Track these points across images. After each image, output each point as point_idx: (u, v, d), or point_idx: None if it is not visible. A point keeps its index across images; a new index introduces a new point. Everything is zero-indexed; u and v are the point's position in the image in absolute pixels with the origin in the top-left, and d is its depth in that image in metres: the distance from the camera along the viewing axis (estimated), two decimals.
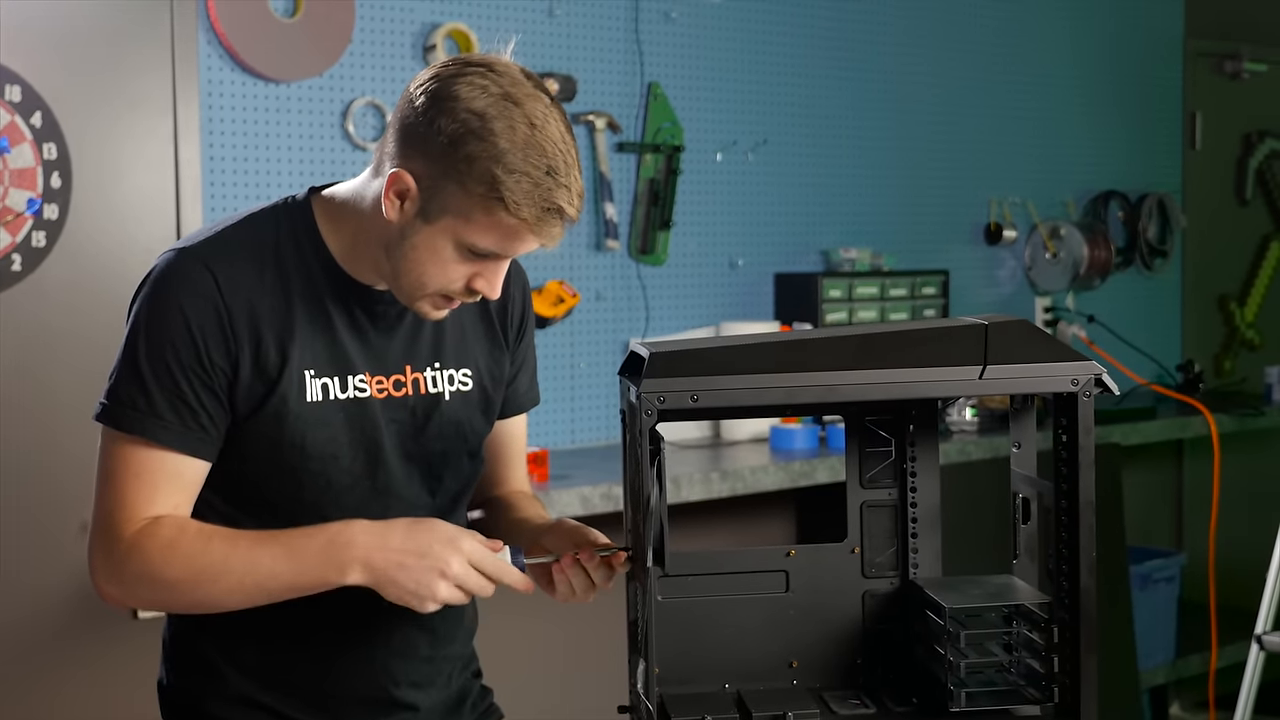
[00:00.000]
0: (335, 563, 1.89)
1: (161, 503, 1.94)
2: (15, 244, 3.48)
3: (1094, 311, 5.75)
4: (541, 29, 4.47)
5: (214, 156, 3.85)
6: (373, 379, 2.03)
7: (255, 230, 2.01)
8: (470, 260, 1.92)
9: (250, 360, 1.95)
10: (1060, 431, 1.78)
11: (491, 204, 1.86)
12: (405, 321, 2.06)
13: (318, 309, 1.99)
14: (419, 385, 2.07)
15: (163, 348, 1.92)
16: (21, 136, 3.49)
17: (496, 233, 1.89)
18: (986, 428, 4.73)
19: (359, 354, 2.02)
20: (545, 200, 1.87)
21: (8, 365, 3.47)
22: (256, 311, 1.95)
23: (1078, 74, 5.89)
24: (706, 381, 1.73)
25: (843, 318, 4.88)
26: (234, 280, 1.95)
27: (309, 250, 2.00)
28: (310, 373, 1.98)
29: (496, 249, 1.91)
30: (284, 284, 1.98)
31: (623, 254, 4.66)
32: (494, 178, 1.85)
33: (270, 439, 1.97)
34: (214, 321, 1.93)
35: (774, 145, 5.00)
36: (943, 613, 1.83)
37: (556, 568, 1.97)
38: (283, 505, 2.00)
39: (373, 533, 1.90)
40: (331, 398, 2.00)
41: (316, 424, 1.98)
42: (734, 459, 4.27)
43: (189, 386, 1.93)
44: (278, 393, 1.96)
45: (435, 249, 1.91)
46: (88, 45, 3.59)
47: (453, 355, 2.11)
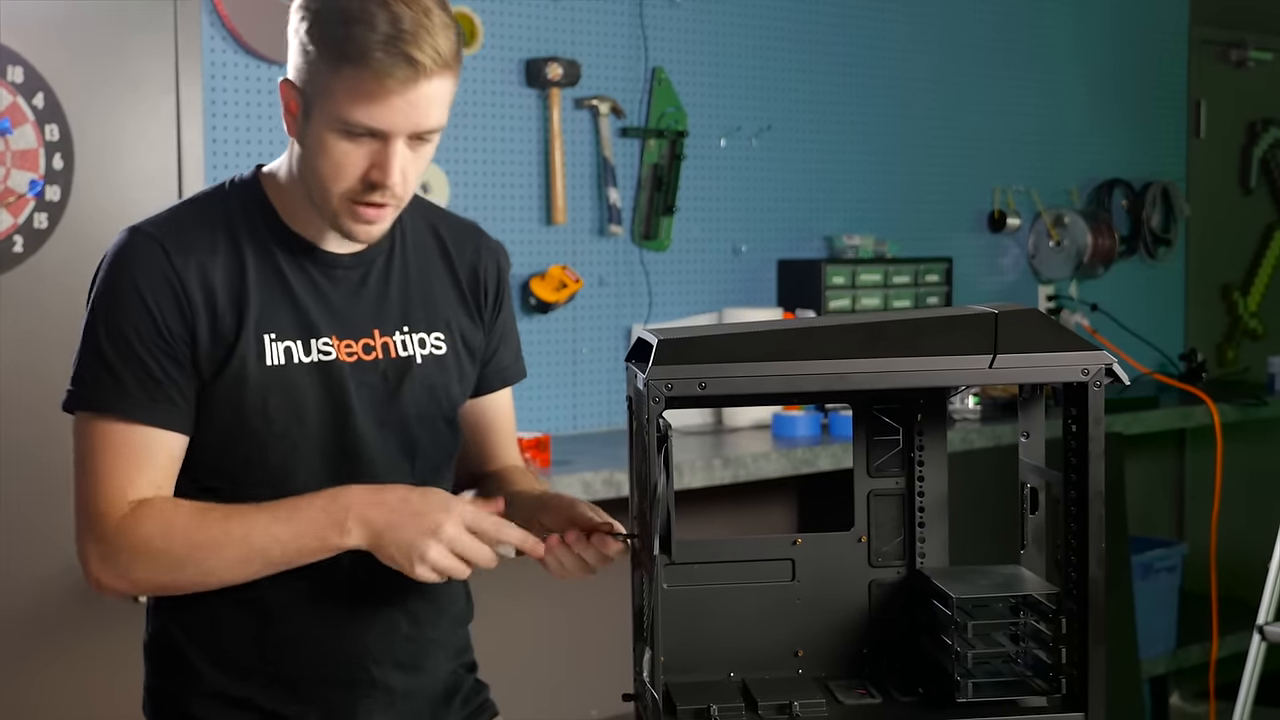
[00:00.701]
0: (334, 521, 1.89)
1: (142, 482, 1.93)
2: (17, 225, 3.47)
3: (1097, 300, 5.74)
4: (546, 13, 4.45)
5: (216, 139, 3.84)
6: (340, 342, 2.02)
7: (205, 205, 2.03)
8: (355, 145, 1.91)
9: (207, 326, 1.95)
10: (1070, 421, 1.77)
11: (341, 64, 1.87)
12: (369, 285, 2.06)
13: (273, 274, 2.00)
14: (389, 349, 2.06)
15: (122, 325, 1.93)
16: (24, 118, 3.47)
17: (358, 96, 1.87)
18: (989, 416, 4.72)
19: (322, 317, 2.02)
20: (392, 45, 1.85)
21: (9, 346, 3.46)
22: (209, 279, 1.96)
23: (1082, 62, 5.87)
24: (714, 369, 1.72)
25: (846, 305, 4.87)
26: (184, 250, 1.96)
27: (259, 218, 2.02)
28: (270, 336, 1.98)
29: (365, 118, 1.89)
30: (236, 251, 1.99)
31: (626, 239, 4.65)
32: (337, 36, 1.87)
33: (233, 404, 1.97)
34: (168, 293, 1.94)
35: (778, 131, 4.99)
36: (950, 603, 1.82)
37: (547, 551, 1.96)
38: (250, 473, 1.99)
39: (370, 491, 1.92)
40: (295, 361, 1.99)
41: (278, 388, 1.98)
42: (736, 446, 4.26)
43: (152, 359, 1.93)
44: (236, 356, 1.96)
45: (321, 143, 1.92)
46: (90, 26, 3.57)
47: (422, 318, 2.10)
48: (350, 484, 1.96)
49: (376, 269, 2.08)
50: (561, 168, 4.44)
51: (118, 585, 1.97)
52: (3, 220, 3.46)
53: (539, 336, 4.44)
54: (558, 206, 4.43)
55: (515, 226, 4.39)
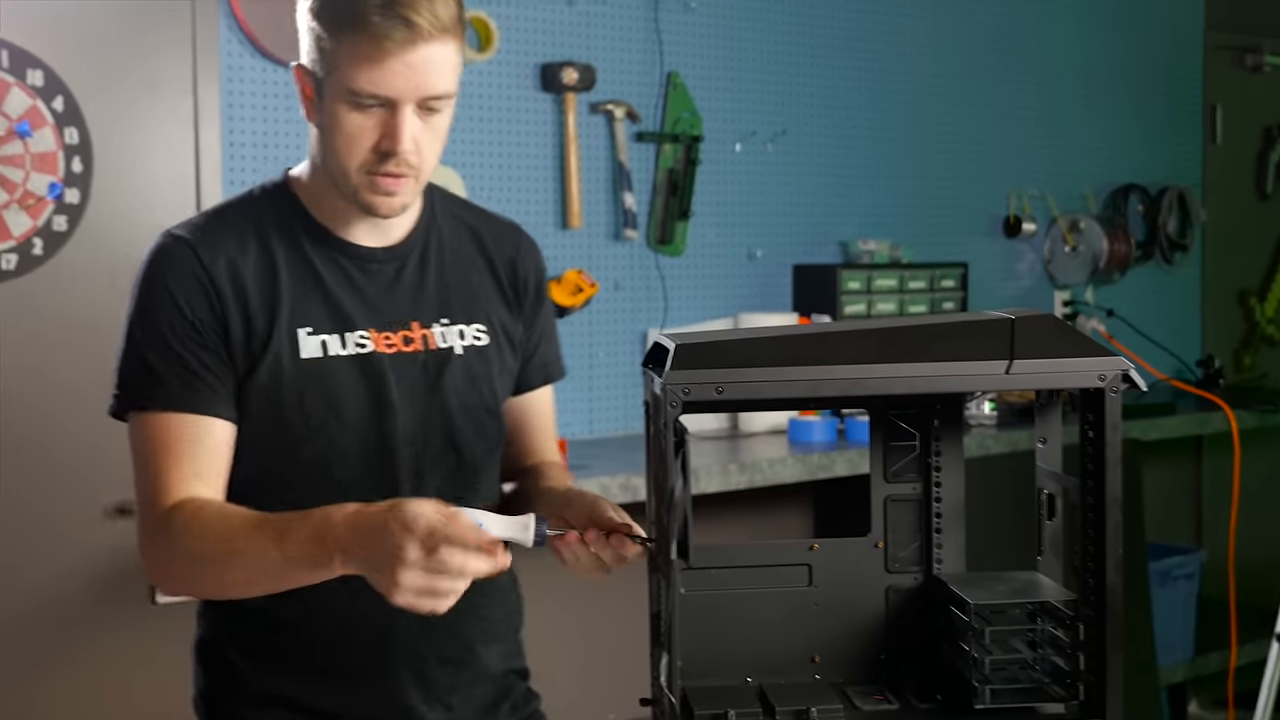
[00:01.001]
0: (322, 550, 1.81)
1: (185, 471, 1.95)
2: (37, 228, 3.48)
3: (1113, 305, 5.73)
4: (561, 17, 4.46)
5: (234, 142, 3.85)
6: (379, 335, 2.04)
7: (236, 208, 2.07)
8: (364, 115, 1.94)
9: (239, 322, 1.98)
10: (1087, 427, 1.77)
11: (343, 33, 1.92)
12: (405, 278, 2.08)
13: (306, 269, 2.02)
14: (428, 340, 2.07)
15: (157, 324, 1.97)
16: (43, 121, 3.49)
17: (361, 62, 1.91)
18: (1005, 422, 4.71)
19: (357, 310, 2.03)
20: (384, 9, 1.90)
21: (28, 347, 3.47)
22: (240, 276, 1.99)
23: (1098, 66, 5.86)
24: (731, 374, 1.72)
25: (861, 310, 4.86)
26: (213, 250, 1.99)
27: (290, 216, 2.05)
28: (306, 330, 2.00)
29: (368, 84, 1.92)
30: (266, 248, 2.02)
31: (641, 244, 4.65)
32: (338, 8, 1.92)
33: (269, 399, 1.98)
34: (197, 290, 1.97)
35: (793, 136, 4.99)
36: (967, 609, 1.82)
37: (561, 542, 1.96)
38: (289, 467, 2.00)
39: (347, 516, 1.79)
40: (331, 354, 2.01)
41: (314, 380, 1.99)
42: (752, 451, 4.26)
43: (188, 353, 1.96)
44: (270, 351, 1.98)
45: (333, 118, 1.95)
46: (109, 31, 3.58)
47: (462, 310, 2.11)
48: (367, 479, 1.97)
49: (411, 263, 2.09)
50: (577, 172, 4.44)
51: (156, 577, 2.02)
52: (22, 223, 3.47)
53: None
54: (573, 211, 4.44)
55: (530, 230, 4.32)
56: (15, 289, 3.46)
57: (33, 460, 3.48)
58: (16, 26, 3.45)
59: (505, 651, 2.20)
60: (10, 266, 3.45)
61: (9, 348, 3.46)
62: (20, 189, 3.46)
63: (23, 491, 3.47)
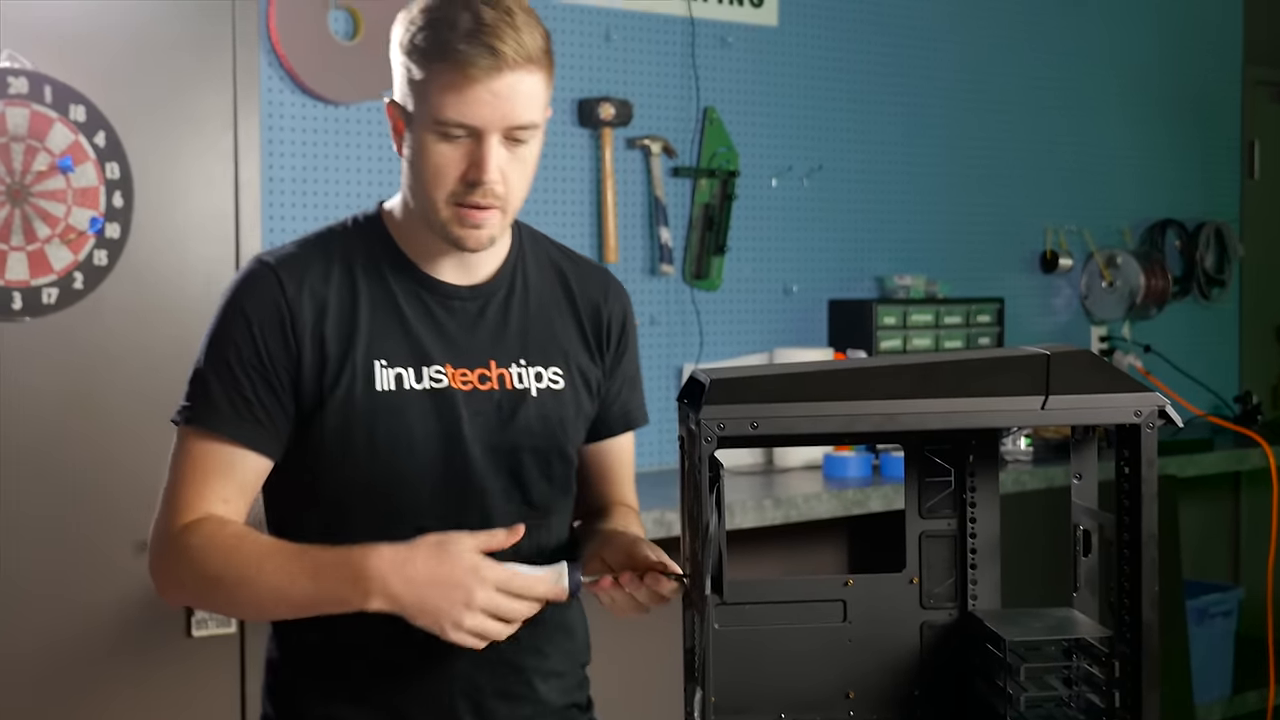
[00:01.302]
0: (357, 590, 1.87)
1: (211, 495, 1.97)
2: (78, 262, 3.51)
3: (1150, 341, 5.71)
4: (598, 53, 4.48)
5: (273, 178, 3.88)
6: (455, 371, 2.05)
7: (327, 237, 2.10)
8: (452, 146, 1.96)
9: (313, 352, 2.00)
10: (1122, 463, 1.77)
11: (429, 64, 1.95)
12: (488, 317, 2.09)
13: (387, 301, 2.04)
14: (504, 380, 2.08)
15: (225, 347, 2.00)
16: (85, 156, 3.52)
17: (448, 92, 1.94)
18: (1041, 458, 4.70)
19: (435, 345, 2.05)
20: (473, 36, 1.92)
21: (69, 382, 3.50)
22: (321, 305, 2.01)
23: (1136, 102, 5.86)
24: (767, 409, 1.72)
25: (897, 345, 4.86)
26: (297, 278, 2.02)
27: (378, 248, 2.07)
28: (381, 362, 2.02)
29: (455, 114, 1.94)
30: (350, 278, 2.04)
31: (677, 279, 4.66)
32: (427, 39, 1.95)
33: (341, 430, 2.00)
34: (274, 320, 2.00)
35: (829, 171, 4.99)
36: (1002, 645, 1.82)
37: (601, 585, 1.96)
38: (359, 498, 2.02)
39: (393, 561, 1.87)
40: (406, 387, 2.02)
41: (387, 413, 2.00)
42: (787, 486, 4.25)
43: (246, 380, 1.98)
44: (342, 382, 2.00)
45: (421, 148, 1.98)
46: (151, 66, 3.61)
47: (540, 352, 2.12)
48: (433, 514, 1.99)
49: (496, 302, 2.10)
50: (613, 207, 4.46)
51: (166, 591, 2.02)
52: (64, 257, 3.50)
53: None
54: (609, 245, 4.45)
55: None
56: (56, 323, 3.49)
57: (72, 492, 3.50)
58: (59, 62, 3.49)
59: (566, 686, 2.19)
60: (51, 300, 3.48)
61: (50, 380, 3.48)
62: (62, 223, 3.49)
63: (62, 522, 3.49)
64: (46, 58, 3.47)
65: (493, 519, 2.04)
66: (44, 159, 3.47)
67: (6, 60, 3.43)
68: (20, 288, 3.45)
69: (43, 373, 3.48)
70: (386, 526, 1.97)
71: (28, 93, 3.45)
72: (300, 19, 3.88)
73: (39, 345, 3.47)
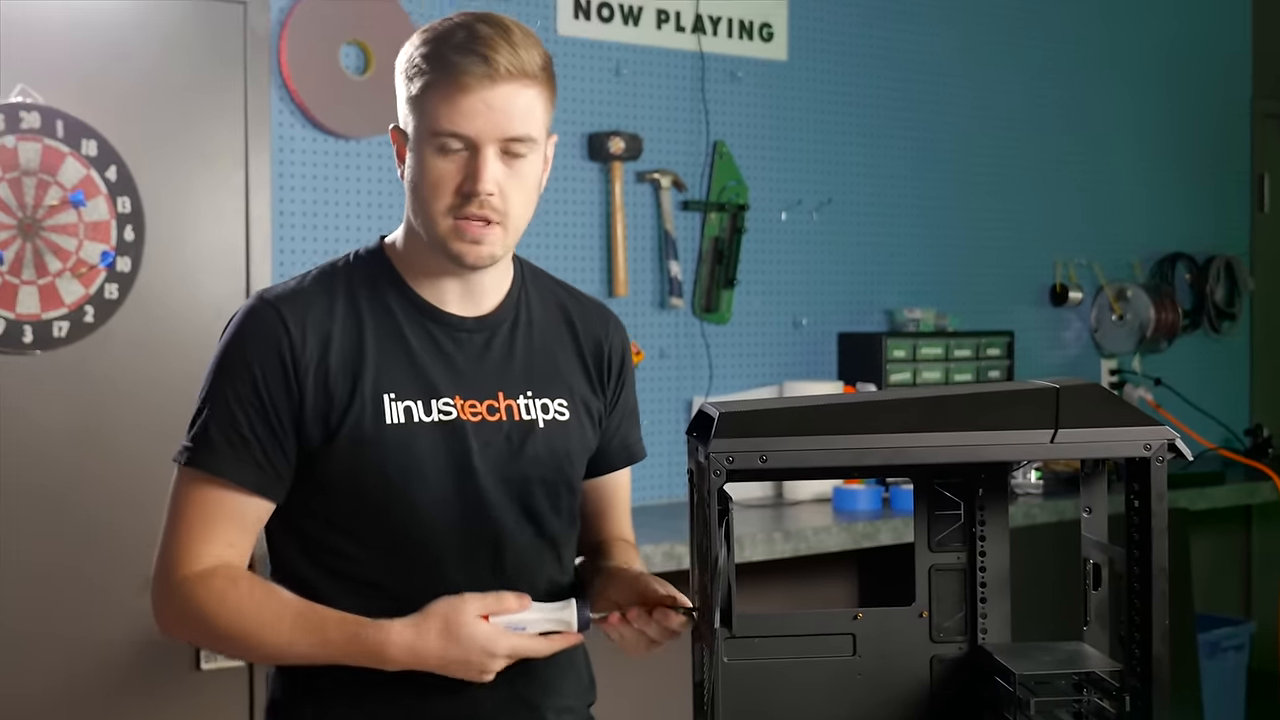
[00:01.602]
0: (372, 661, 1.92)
1: (216, 539, 1.97)
2: (89, 296, 3.52)
3: (1161, 374, 5.70)
4: (608, 87, 4.50)
5: (284, 211, 3.89)
6: (464, 402, 2.04)
7: (329, 272, 2.09)
8: (447, 159, 1.97)
9: (316, 390, 1.98)
10: (1132, 497, 1.76)
11: (425, 77, 1.97)
12: (494, 349, 2.08)
13: (393, 334, 2.03)
14: (513, 411, 2.07)
15: (224, 386, 1.99)
16: (97, 190, 3.54)
17: (440, 103, 1.95)
18: (1052, 490, 4.69)
19: (443, 377, 2.04)
20: (463, 48, 1.95)
21: (79, 414, 3.51)
22: (325, 342, 2.00)
23: (1145, 135, 5.87)
24: (775, 442, 1.72)
25: (907, 378, 4.86)
26: (300, 316, 2.00)
27: (384, 281, 2.06)
28: (390, 396, 2.00)
29: (449, 124, 1.95)
30: (355, 314, 2.03)
31: (686, 312, 4.67)
32: (420, 57, 1.98)
33: (352, 465, 1.99)
34: (275, 361, 1.98)
35: (838, 205, 5.00)
36: (1012, 679, 1.81)
37: (611, 622, 1.96)
38: (372, 532, 2.00)
39: (406, 647, 1.90)
40: (416, 420, 2.01)
41: (398, 447, 1.99)
42: (796, 519, 4.25)
43: (245, 421, 1.97)
44: (350, 418, 1.98)
45: (420, 164, 1.99)
46: (163, 101, 3.63)
47: (544, 384, 2.11)
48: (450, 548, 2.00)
49: (501, 334, 2.10)
50: (623, 240, 4.47)
51: (172, 634, 2.03)
52: (75, 291, 3.51)
53: None
54: (619, 279, 4.46)
55: None
56: (66, 356, 3.50)
57: (82, 525, 3.50)
58: (72, 98, 3.51)
59: None
60: (62, 334, 3.49)
61: (60, 413, 3.49)
62: (73, 257, 3.51)
63: (72, 556, 3.49)
64: (59, 93, 3.50)
65: (506, 553, 2.04)
66: (56, 193, 3.48)
67: (19, 95, 3.45)
68: (31, 321, 3.46)
69: (53, 406, 3.49)
70: (397, 558, 1.98)
71: (40, 127, 3.46)
72: (312, 54, 3.90)
73: (49, 378, 3.48)
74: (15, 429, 3.45)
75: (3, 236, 3.42)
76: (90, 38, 3.54)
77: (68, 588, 3.49)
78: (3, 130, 3.42)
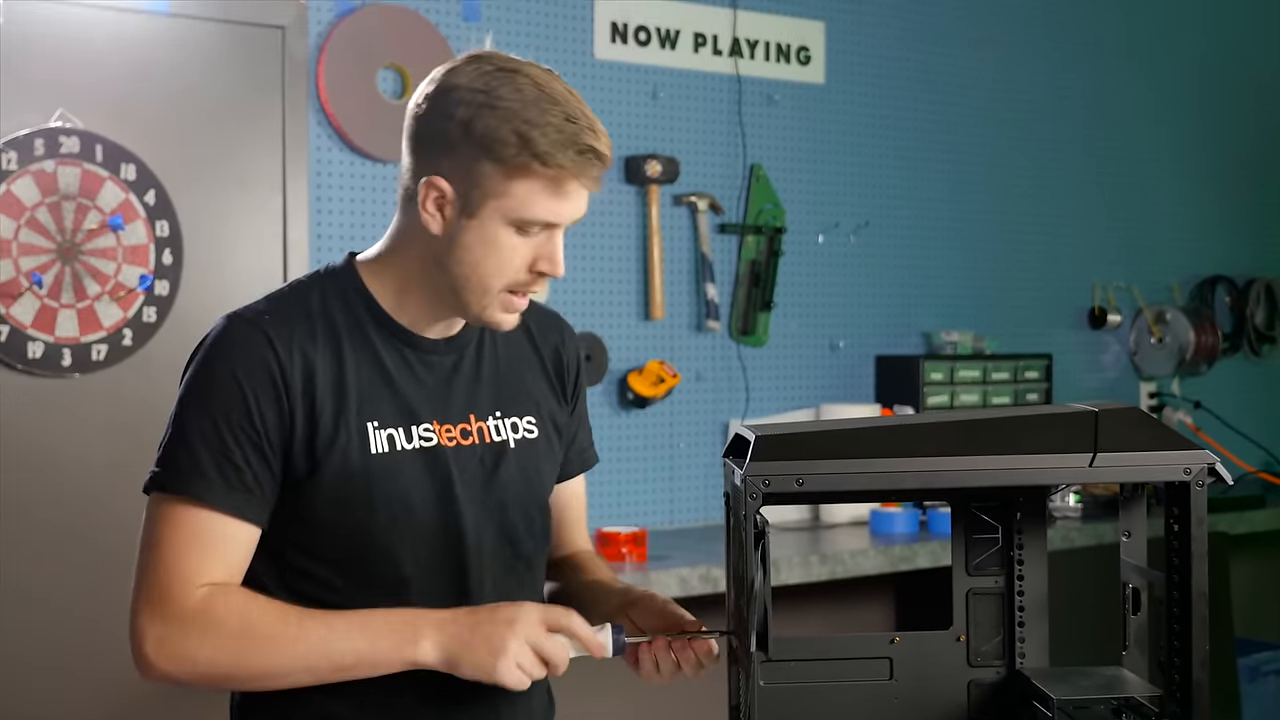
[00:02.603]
0: (408, 633, 1.87)
1: (214, 568, 1.91)
2: (127, 319, 3.54)
3: (1200, 397, 5.66)
4: (645, 111, 4.50)
5: (321, 235, 3.91)
6: (441, 427, 2.02)
7: (303, 294, 2.03)
8: (525, 239, 1.93)
9: (304, 417, 1.94)
10: (1172, 521, 1.75)
11: (527, 163, 1.88)
12: (463, 370, 2.06)
13: (372, 361, 1.99)
14: (484, 434, 2.06)
15: (212, 410, 1.92)
16: (135, 214, 3.56)
17: (541, 194, 1.90)
18: (1090, 514, 4.66)
19: (422, 403, 2.01)
20: (575, 143, 1.89)
21: (116, 438, 3.52)
22: (310, 367, 1.95)
23: (1182, 157, 5.84)
24: (812, 465, 1.72)
25: (944, 401, 4.84)
26: (286, 339, 1.95)
27: (358, 305, 2.02)
28: (374, 424, 1.97)
29: (546, 214, 1.91)
30: (334, 341, 1.98)
31: (723, 334, 4.66)
32: (520, 136, 1.88)
33: (336, 495, 1.95)
34: (267, 384, 1.93)
35: (875, 227, 4.99)
36: (1051, 704, 1.80)
37: (645, 649, 1.95)
38: (354, 564, 1.97)
39: (444, 611, 1.89)
40: (399, 448, 1.98)
41: (383, 476, 1.96)
42: (833, 542, 4.23)
43: (236, 445, 1.91)
44: (337, 448, 1.94)
45: (488, 239, 1.92)
46: (201, 125, 3.65)
47: (513, 403, 2.10)
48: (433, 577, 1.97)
49: (469, 355, 2.08)
50: (660, 263, 4.47)
51: (170, 669, 1.91)
52: (113, 314, 3.53)
53: (636, 431, 4.45)
54: (656, 302, 4.46)
55: (614, 321, 4.42)
56: (105, 379, 3.52)
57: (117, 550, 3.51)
58: (110, 122, 3.53)
59: None
60: (100, 357, 3.51)
61: (98, 436, 3.51)
62: (112, 281, 3.53)
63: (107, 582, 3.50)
64: (98, 118, 3.52)
65: (485, 576, 2.02)
66: (94, 217, 3.51)
67: (59, 120, 3.48)
68: (70, 344, 3.48)
69: (91, 429, 3.50)
70: (383, 587, 1.96)
71: (79, 152, 3.49)
72: (349, 78, 3.92)
73: (88, 401, 3.50)
74: (52, 452, 3.46)
75: (42, 260, 3.44)
76: (129, 62, 3.57)
77: (100, 616, 3.49)
78: (43, 155, 3.44)
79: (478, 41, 4.15)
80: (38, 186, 3.44)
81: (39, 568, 3.44)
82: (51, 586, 3.45)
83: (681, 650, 1.93)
